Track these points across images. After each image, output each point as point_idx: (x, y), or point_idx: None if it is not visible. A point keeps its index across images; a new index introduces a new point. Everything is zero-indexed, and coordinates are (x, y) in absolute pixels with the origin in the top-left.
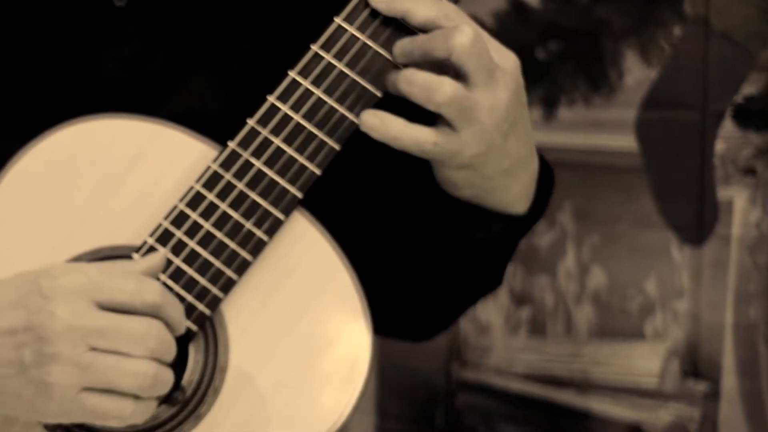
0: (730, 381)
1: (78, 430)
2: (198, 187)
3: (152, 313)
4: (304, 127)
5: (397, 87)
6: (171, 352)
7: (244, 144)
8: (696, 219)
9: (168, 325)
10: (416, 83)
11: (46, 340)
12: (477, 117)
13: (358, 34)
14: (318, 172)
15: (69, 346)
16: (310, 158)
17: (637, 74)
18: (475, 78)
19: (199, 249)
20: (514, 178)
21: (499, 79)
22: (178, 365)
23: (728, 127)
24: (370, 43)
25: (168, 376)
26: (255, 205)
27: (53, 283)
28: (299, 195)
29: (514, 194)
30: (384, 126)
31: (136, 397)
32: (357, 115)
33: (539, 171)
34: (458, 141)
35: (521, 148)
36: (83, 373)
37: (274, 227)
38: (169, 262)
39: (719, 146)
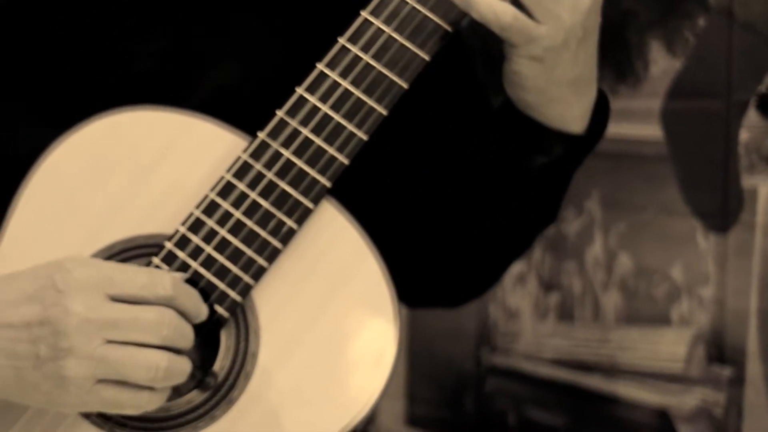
0: (754, 366)
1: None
2: (229, 177)
3: (165, 303)
4: (332, 118)
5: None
6: (187, 339)
7: (274, 134)
8: (721, 207)
9: (184, 313)
10: None
11: (61, 335)
12: (558, 12)
13: (384, 27)
14: (346, 162)
15: (84, 340)
16: (339, 149)
17: (662, 64)
18: None
19: (230, 237)
20: (577, 94)
21: None
22: (210, 351)
23: (752, 116)
24: (395, 35)
25: (183, 366)
26: (285, 195)
27: (67, 277)
28: (328, 184)
29: (574, 111)
30: None
31: (151, 387)
32: (384, 106)
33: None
34: (536, 27)
35: (588, 63)
36: (98, 366)
37: (303, 216)
38: (201, 250)
39: (743, 135)
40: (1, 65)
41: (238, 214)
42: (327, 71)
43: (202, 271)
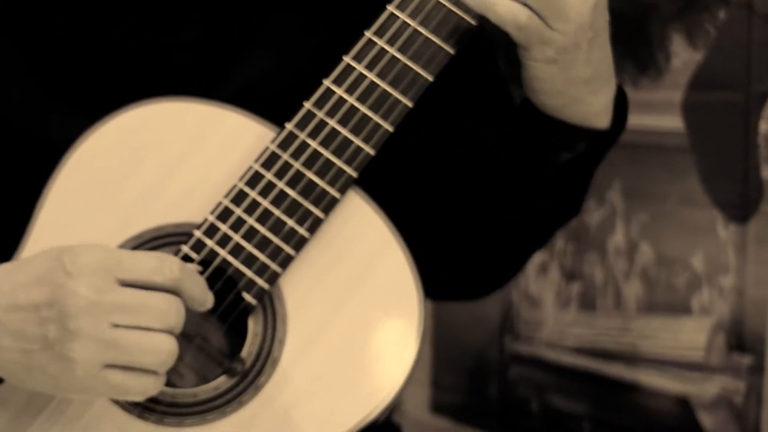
0: None
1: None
2: (257, 167)
3: (173, 289)
4: (358, 109)
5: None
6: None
7: (301, 125)
8: (741, 197)
9: (190, 299)
10: None
11: (69, 317)
12: (566, 13)
13: (409, 21)
14: (372, 152)
15: (91, 323)
16: (365, 140)
17: (683, 57)
18: None
19: (257, 226)
20: (596, 93)
21: None
22: (238, 338)
23: None
24: (420, 29)
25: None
26: (312, 184)
27: (76, 260)
28: (354, 174)
29: (595, 108)
30: None
31: (156, 372)
32: (409, 98)
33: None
34: (548, 30)
35: (602, 61)
36: (105, 350)
37: (330, 205)
38: (229, 239)
39: (763, 126)
40: (37, 55)
41: (265, 204)
42: (353, 64)
43: (230, 259)
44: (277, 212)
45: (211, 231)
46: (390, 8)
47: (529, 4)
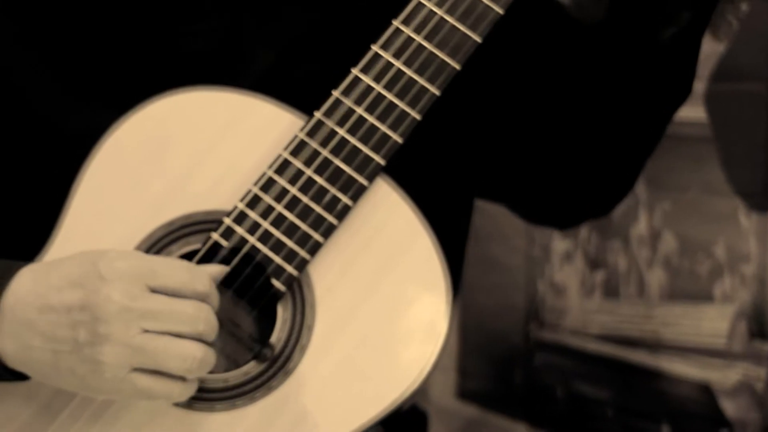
0: None
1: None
2: (286, 155)
3: (201, 300)
4: (385, 98)
5: None
6: (215, 334)
7: (329, 114)
8: (762, 186)
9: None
10: None
11: (100, 321)
12: None
13: (436, 9)
14: (400, 140)
15: (122, 328)
16: (393, 127)
17: (706, 48)
18: None
19: (286, 213)
20: None
21: None
22: (267, 324)
23: None
24: (447, 17)
25: (212, 358)
26: (340, 172)
27: (110, 266)
28: (382, 162)
29: None
30: None
31: (183, 378)
32: (436, 86)
33: None
34: None
35: None
36: (134, 355)
37: (358, 193)
38: (258, 226)
39: None
40: (58, 48)
41: (294, 191)
42: (381, 52)
43: (259, 245)
44: (305, 200)
45: (240, 218)
46: None
47: None
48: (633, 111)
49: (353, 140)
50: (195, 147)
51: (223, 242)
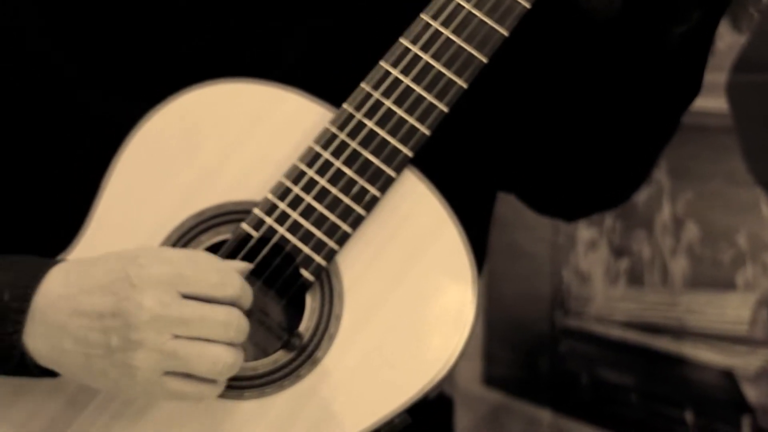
0: None
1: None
2: (315, 147)
3: (232, 304)
4: (414, 90)
5: None
6: (245, 337)
7: (358, 106)
8: None
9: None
10: None
11: (132, 328)
12: None
13: (463, 3)
14: (428, 132)
15: (154, 334)
16: (421, 120)
17: (728, 40)
18: None
19: (315, 204)
20: None
21: None
22: (296, 313)
23: None
24: (474, 11)
25: (241, 361)
26: (368, 164)
27: (141, 273)
28: (410, 154)
29: None
30: None
31: (213, 380)
32: (464, 79)
33: None
34: None
35: None
36: (166, 359)
37: (386, 184)
38: (288, 216)
39: None
40: (93, 39)
41: (323, 182)
42: (409, 45)
43: (288, 236)
44: (334, 191)
45: (270, 209)
46: None
47: None
48: (643, 107)
49: (382, 132)
50: (225, 138)
51: (253, 232)
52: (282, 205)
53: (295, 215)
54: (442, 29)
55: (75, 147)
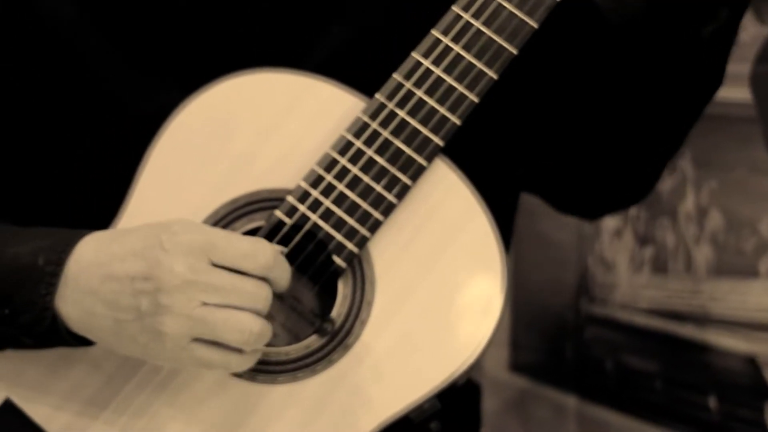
0: None
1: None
2: (348, 136)
3: (263, 274)
4: (445, 81)
5: None
6: (267, 308)
7: (390, 96)
8: None
9: (275, 283)
10: None
11: (163, 292)
12: None
13: None
14: (458, 122)
15: (184, 300)
16: (452, 110)
17: (751, 31)
18: None
19: (347, 192)
20: None
21: None
22: (328, 299)
23: None
24: (504, 3)
25: (269, 331)
26: (400, 153)
27: (173, 239)
28: (441, 143)
29: None
30: None
31: (240, 349)
32: (494, 70)
33: None
34: None
35: None
36: (195, 326)
37: (417, 173)
38: (320, 204)
39: None
40: (127, 30)
41: (355, 171)
42: (440, 36)
43: (321, 223)
44: (366, 179)
45: (303, 196)
46: None
47: None
48: (666, 101)
49: (413, 122)
50: (259, 127)
51: (286, 219)
52: (315, 193)
53: (327, 203)
54: (472, 21)
55: (110, 137)
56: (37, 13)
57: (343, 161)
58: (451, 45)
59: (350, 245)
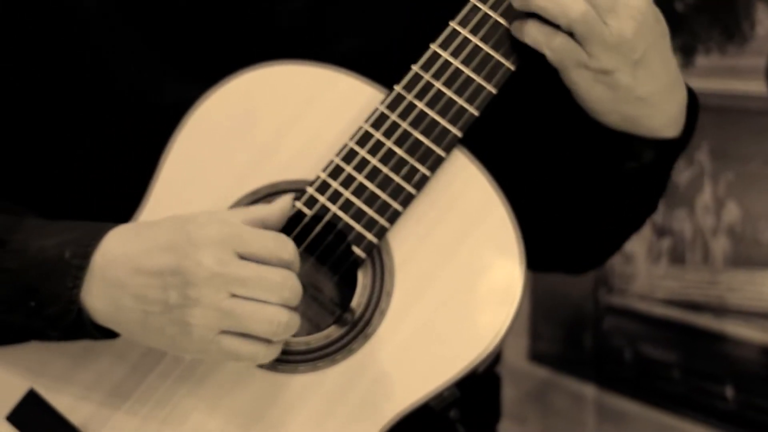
0: None
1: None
2: (366, 127)
3: (286, 267)
4: (463, 72)
5: (530, 3)
6: (299, 300)
7: (409, 87)
8: None
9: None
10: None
11: (191, 285)
12: (604, 38)
13: None
14: (476, 113)
15: (212, 292)
16: (469, 101)
17: (766, 25)
18: (599, 2)
19: (367, 183)
20: (655, 107)
21: (621, 10)
22: (348, 289)
23: None
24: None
25: (296, 322)
26: (418, 144)
27: (201, 232)
28: (459, 134)
29: (659, 122)
30: None
31: (268, 340)
32: (512, 62)
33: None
34: (583, 53)
35: (658, 78)
36: (223, 318)
37: (435, 163)
38: (340, 195)
39: None
40: (150, 23)
41: (375, 162)
42: (458, 28)
43: (340, 214)
44: (385, 170)
45: (323, 187)
46: None
47: (573, 29)
48: (598, 207)
49: (431, 113)
50: (279, 119)
51: (306, 210)
52: (334, 184)
53: (347, 194)
54: (490, 12)
55: (131, 128)
56: (62, 4)
57: (362, 152)
58: (469, 36)
59: (370, 235)
